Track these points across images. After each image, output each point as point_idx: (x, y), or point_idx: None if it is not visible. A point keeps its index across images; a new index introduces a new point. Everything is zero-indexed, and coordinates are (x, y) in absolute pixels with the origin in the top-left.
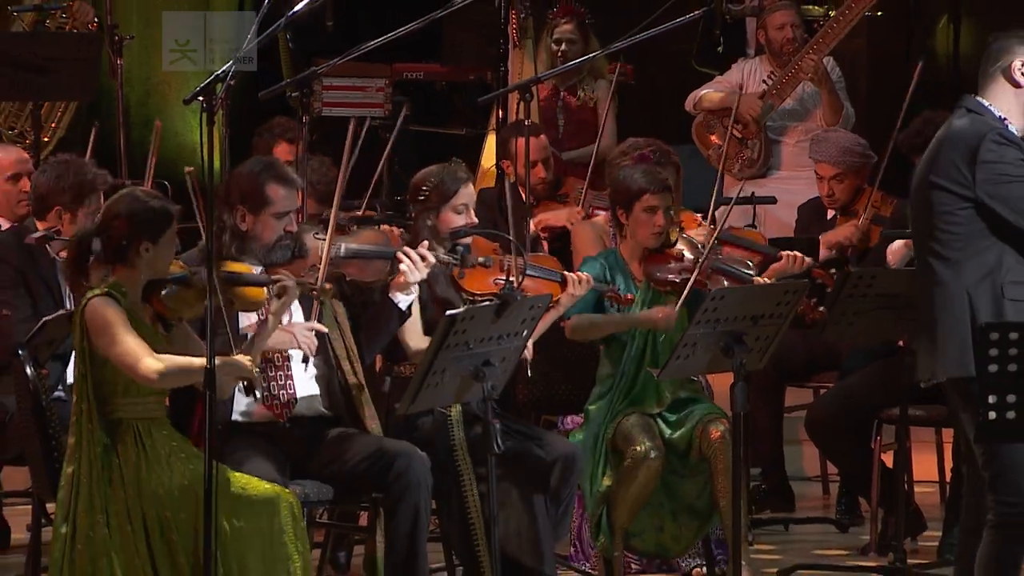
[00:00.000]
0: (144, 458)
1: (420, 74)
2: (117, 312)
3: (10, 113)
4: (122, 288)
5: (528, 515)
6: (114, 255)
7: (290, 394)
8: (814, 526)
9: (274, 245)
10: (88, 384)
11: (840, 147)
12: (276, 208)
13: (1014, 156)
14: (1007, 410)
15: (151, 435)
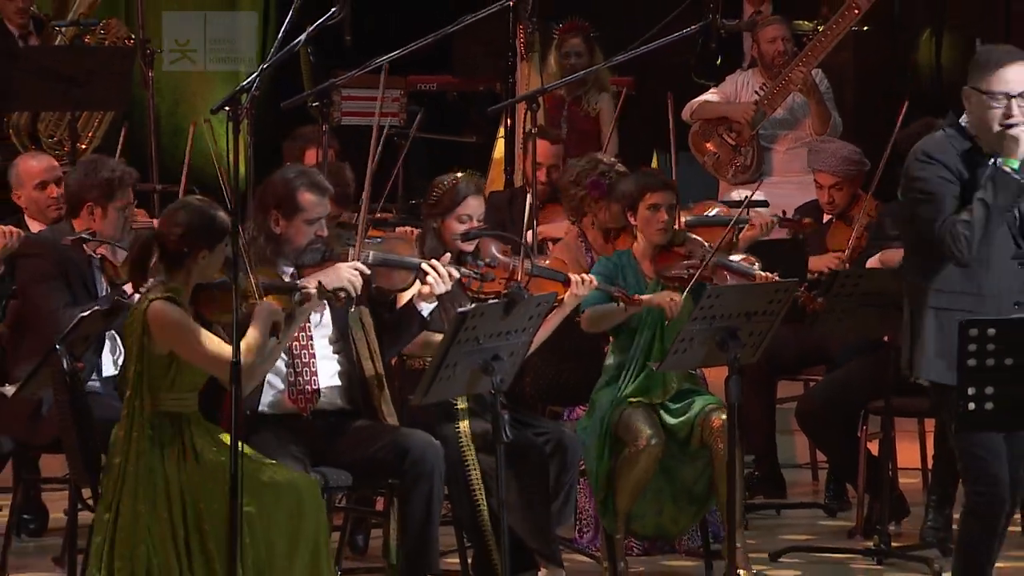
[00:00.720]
0: (182, 451)
1: (433, 85)
2: (183, 314)
3: (50, 122)
4: (180, 292)
5: (533, 500)
6: (173, 260)
7: (314, 387)
8: (804, 511)
9: (305, 248)
10: (143, 381)
11: (839, 157)
12: (308, 214)
13: (936, 175)
14: (985, 401)
15: (189, 428)
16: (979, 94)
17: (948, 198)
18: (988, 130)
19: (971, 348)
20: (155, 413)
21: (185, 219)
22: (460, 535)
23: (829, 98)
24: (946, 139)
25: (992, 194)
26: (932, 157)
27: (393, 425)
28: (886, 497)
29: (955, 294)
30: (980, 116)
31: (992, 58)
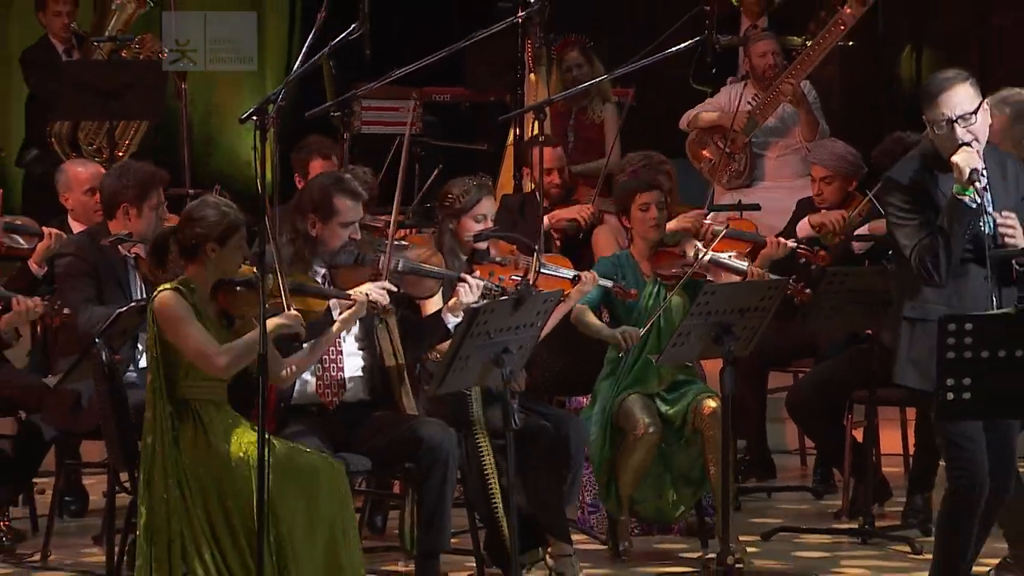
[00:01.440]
0: (203, 433)
1: (447, 96)
2: (183, 306)
3: (89, 131)
4: (191, 284)
5: (541, 482)
6: (186, 253)
7: (340, 381)
8: (793, 494)
9: (339, 250)
10: (159, 366)
11: (834, 154)
12: (343, 218)
13: (900, 200)
14: (963, 391)
15: (209, 413)
16: (935, 123)
17: (916, 225)
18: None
19: (950, 342)
20: (174, 398)
21: (197, 214)
22: (472, 516)
23: (817, 108)
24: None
25: (948, 222)
26: (897, 181)
27: (411, 414)
28: (870, 481)
29: (924, 304)
30: (943, 143)
31: (932, 86)
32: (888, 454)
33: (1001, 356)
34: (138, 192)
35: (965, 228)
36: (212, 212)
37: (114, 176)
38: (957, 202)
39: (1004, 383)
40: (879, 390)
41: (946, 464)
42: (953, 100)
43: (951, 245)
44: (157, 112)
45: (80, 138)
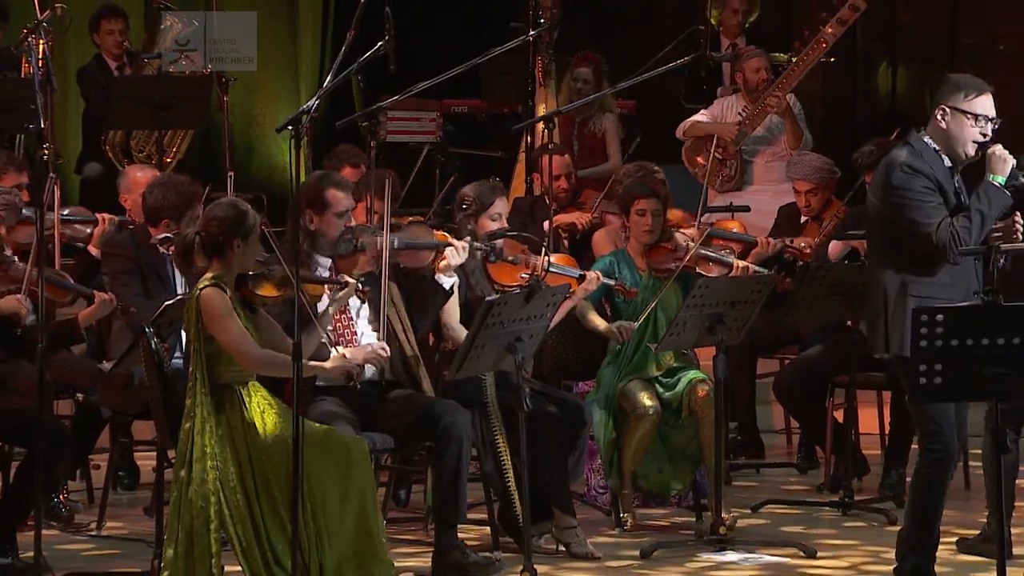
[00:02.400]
0: (243, 414)
1: (464, 108)
2: (225, 301)
3: (140, 139)
4: (224, 278)
5: (549, 460)
6: (212, 250)
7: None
8: (780, 469)
9: (338, 240)
10: (200, 356)
11: (814, 167)
12: (336, 208)
13: (920, 185)
14: (935, 376)
15: (249, 395)
16: (960, 113)
17: (936, 205)
18: (960, 143)
19: (922, 331)
20: (214, 384)
21: (221, 214)
22: (487, 490)
23: (801, 118)
24: (918, 153)
25: (987, 205)
26: (915, 169)
27: (429, 396)
28: (849, 458)
29: (930, 284)
30: (956, 132)
31: (974, 85)
32: (866, 433)
33: (969, 344)
34: (178, 210)
35: (1000, 213)
36: (234, 211)
37: (158, 191)
38: (998, 189)
39: (972, 369)
40: (857, 375)
41: (920, 440)
42: (987, 103)
43: (984, 224)
44: (201, 122)
45: (132, 146)
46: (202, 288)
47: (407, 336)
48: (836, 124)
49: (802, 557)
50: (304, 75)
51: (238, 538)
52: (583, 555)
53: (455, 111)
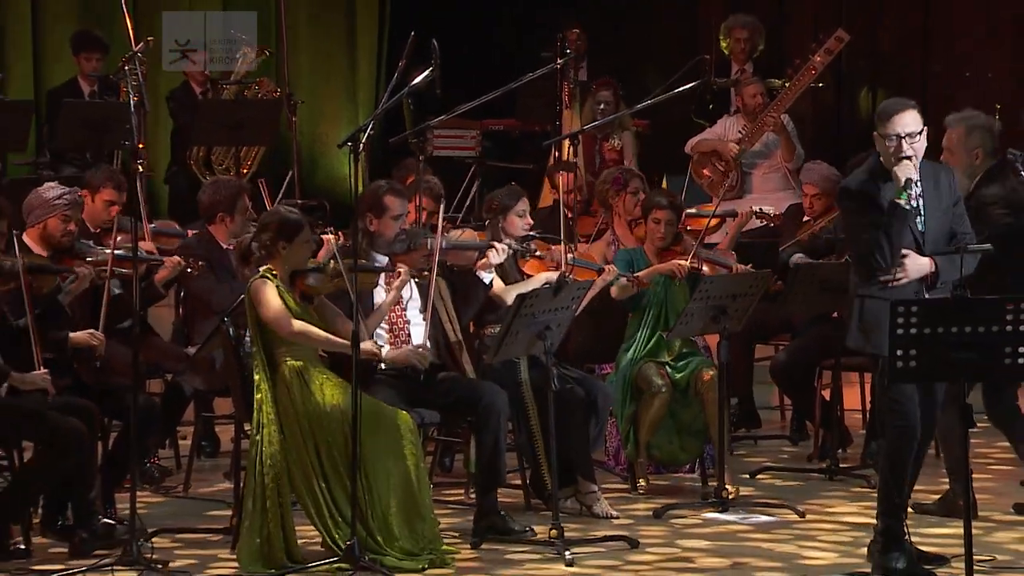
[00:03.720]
0: (302, 387)
1: (500, 126)
2: (269, 287)
3: (220, 154)
4: (273, 272)
5: (574, 432)
6: (265, 252)
7: None
8: (774, 441)
9: (394, 240)
10: (259, 338)
11: (823, 176)
12: (392, 212)
13: (856, 204)
14: (911, 361)
15: (307, 371)
16: (881, 137)
17: (867, 223)
18: (889, 162)
19: (899, 321)
20: (273, 363)
21: (268, 221)
22: (520, 459)
23: (794, 136)
24: (864, 172)
25: (888, 221)
26: (854, 188)
27: (471, 377)
28: (835, 431)
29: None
30: (884, 153)
31: (888, 108)
32: (850, 410)
33: (940, 332)
34: (230, 203)
35: (903, 226)
36: (278, 218)
37: (210, 191)
38: (895, 205)
39: (943, 354)
40: (842, 359)
41: (888, 417)
42: (904, 120)
43: (892, 239)
44: (272, 139)
45: (213, 160)
46: (252, 281)
47: (452, 325)
48: (824, 141)
49: (793, 517)
50: (361, 99)
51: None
52: (603, 515)
53: (492, 129)
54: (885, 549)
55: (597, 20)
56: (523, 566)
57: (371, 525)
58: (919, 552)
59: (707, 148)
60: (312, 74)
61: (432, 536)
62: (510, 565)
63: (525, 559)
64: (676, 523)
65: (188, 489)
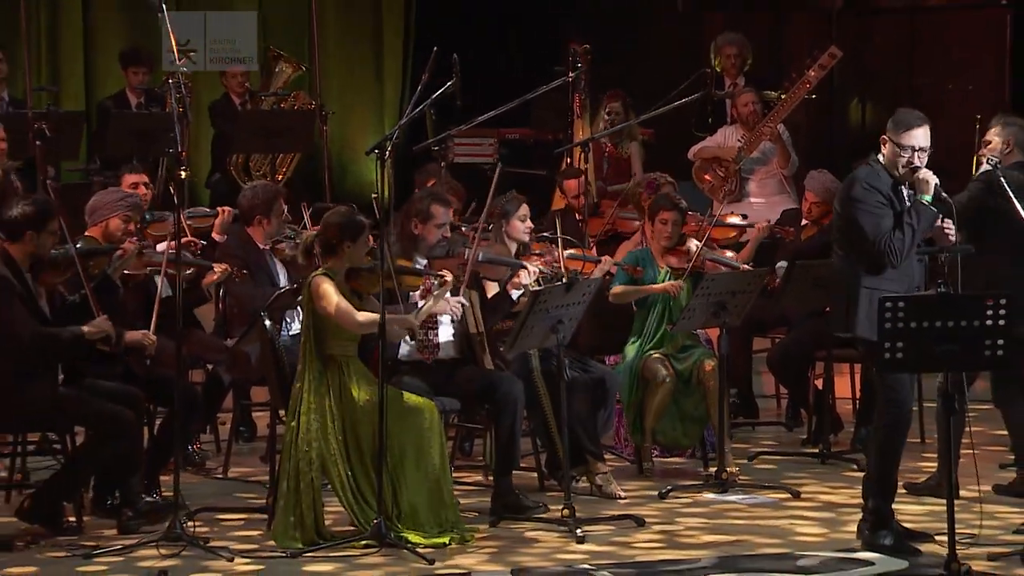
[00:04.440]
0: (343, 380)
1: (516, 135)
2: (333, 285)
3: (258, 161)
4: (333, 270)
5: (584, 418)
6: (327, 250)
7: (436, 344)
8: (771, 427)
9: (435, 245)
10: (310, 331)
11: (824, 186)
12: (437, 220)
13: (875, 199)
14: (898, 352)
15: (348, 365)
16: (893, 144)
17: (885, 218)
18: (895, 166)
19: (888, 316)
20: (321, 355)
21: (335, 220)
22: (535, 443)
23: (789, 144)
24: (875, 172)
25: (916, 220)
26: (871, 185)
27: (490, 369)
28: (827, 417)
29: (878, 279)
30: (892, 157)
31: (907, 120)
32: (841, 398)
33: (925, 326)
34: (268, 206)
35: (928, 227)
36: (346, 219)
37: (249, 195)
38: (925, 207)
39: (928, 346)
40: (834, 351)
41: (882, 403)
42: (920, 135)
43: (915, 236)
44: (306, 147)
45: (251, 166)
46: (313, 276)
47: (476, 324)
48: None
49: (788, 497)
50: (387, 110)
51: (334, 477)
52: (611, 495)
53: (508, 137)
54: (874, 527)
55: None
56: (537, 543)
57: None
58: (905, 530)
59: (708, 155)
60: (342, 87)
61: (455, 519)
62: (525, 542)
63: (539, 536)
64: (679, 503)
65: (227, 471)
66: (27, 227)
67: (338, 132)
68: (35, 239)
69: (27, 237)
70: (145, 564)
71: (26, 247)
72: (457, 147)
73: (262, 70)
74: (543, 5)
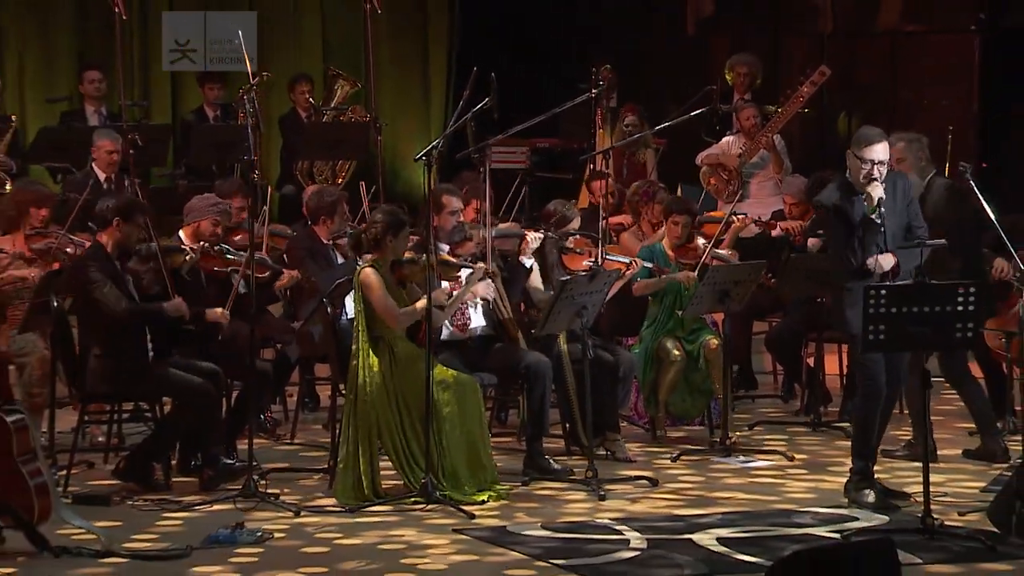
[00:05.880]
0: (392, 358)
1: (546, 144)
2: (378, 278)
3: (319, 166)
4: (379, 263)
5: (604, 392)
6: (375, 244)
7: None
8: (768, 399)
9: (451, 232)
10: (361, 315)
11: (799, 188)
12: (449, 208)
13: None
14: (880, 334)
15: (397, 345)
16: (855, 158)
17: (847, 231)
18: (856, 178)
19: (871, 302)
20: (371, 336)
21: (380, 218)
22: (562, 414)
23: (784, 152)
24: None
25: (862, 232)
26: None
27: (522, 348)
28: (818, 392)
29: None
30: (854, 170)
31: (867, 136)
32: (830, 374)
33: (904, 311)
34: (330, 208)
35: (874, 237)
36: (388, 216)
37: (315, 198)
38: (869, 221)
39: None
40: (824, 332)
41: (859, 379)
42: (878, 150)
43: (864, 247)
44: (362, 154)
45: (314, 172)
46: (362, 268)
47: (503, 304)
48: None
49: (784, 461)
50: (433, 122)
51: (388, 443)
52: (624, 459)
53: (539, 146)
54: (858, 486)
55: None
56: (564, 500)
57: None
58: (886, 488)
59: (713, 161)
60: (393, 102)
61: (492, 480)
62: (553, 500)
63: (566, 494)
64: (688, 466)
65: (294, 437)
66: (114, 215)
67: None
68: (121, 227)
69: (114, 225)
70: (223, 517)
71: (113, 235)
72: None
73: (324, 86)
74: (571, 31)
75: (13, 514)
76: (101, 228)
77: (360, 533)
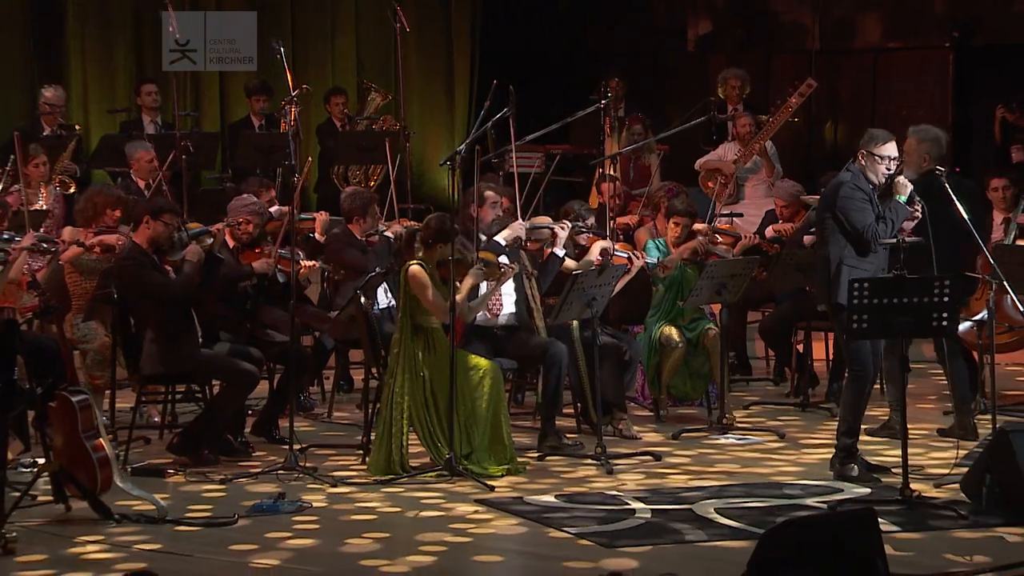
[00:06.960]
0: (429, 346)
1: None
2: (425, 275)
3: (354, 171)
4: (427, 261)
5: (612, 376)
6: (425, 245)
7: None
8: (761, 382)
9: (491, 224)
10: (407, 307)
11: (789, 192)
12: (491, 200)
13: (860, 197)
14: (863, 323)
15: (434, 335)
16: (871, 156)
17: (869, 213)
18: (874, 175)
19: (855, 294)
20: (414, 325)
21: (434, 224)
22: (574, 395)
23: (775, 157)
24: (857, 176)
25: (895, 215)
26: (857, 186)
27: (541, 337)
28: (806, 375)
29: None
30: (871, 168)
31: (883, 136)
32: (818, 359)
33: (885, 303)
34: (364, 208)
35: (902, 221)
36: (440, 223)
37: (348, 199)
38: (900, 204)
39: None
40: (812, 321)
41: (848, 362)
42: (890, 147)
43: (893, 227)
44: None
45: (349, 175)
46: (409, 265)
47: (533, 294)
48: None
49: (776, 439)
50: (457, 130)
51: (417, 422)
52: (630, 436)
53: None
54: (844, 462)
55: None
56: (576, 474)
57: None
58: (868, 464)
59: (711, 166)
60: (421, 112)
61: (510, 455)
62: (566, 473)
63: (577, 470)
64: (688, 443)
65: (331, 416)
66: (144, 215)
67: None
68: (151, 225)
69: (144, 223)
70: (266, 488)
71: (146, 232)
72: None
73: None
74: (583, 47)
75: (78, 484)
76: (135, 228)
77: (392, 502)
